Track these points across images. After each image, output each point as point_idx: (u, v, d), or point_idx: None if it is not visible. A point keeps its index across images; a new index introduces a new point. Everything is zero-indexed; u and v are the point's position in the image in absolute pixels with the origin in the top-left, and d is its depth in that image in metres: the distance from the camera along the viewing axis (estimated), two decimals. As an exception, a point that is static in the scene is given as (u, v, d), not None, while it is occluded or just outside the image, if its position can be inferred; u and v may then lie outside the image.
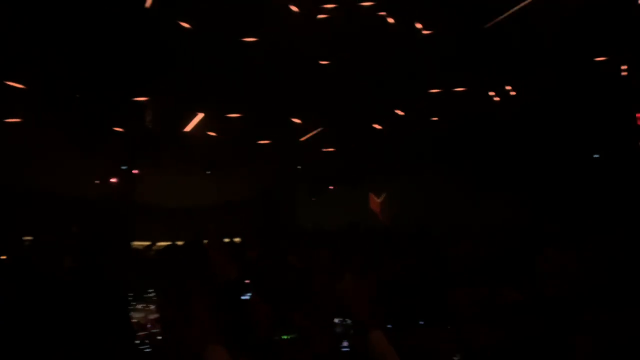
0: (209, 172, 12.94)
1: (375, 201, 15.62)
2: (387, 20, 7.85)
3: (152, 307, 3.28)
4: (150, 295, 3.30)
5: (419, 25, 7.98)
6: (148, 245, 10.35)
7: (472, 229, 9.35)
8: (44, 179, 10.91)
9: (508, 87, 9.96)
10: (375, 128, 11.12)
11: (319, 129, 10.15)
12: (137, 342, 3.17)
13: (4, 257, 6.97)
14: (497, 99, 10.31)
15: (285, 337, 4.20)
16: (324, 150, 12.29)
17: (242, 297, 4.34)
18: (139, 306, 3.29)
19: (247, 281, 4.52)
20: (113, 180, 11.37)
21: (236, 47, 8.00)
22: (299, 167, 13.83)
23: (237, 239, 11.58)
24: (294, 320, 4.34)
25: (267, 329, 4.18)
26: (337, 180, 14.91)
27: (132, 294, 3.25)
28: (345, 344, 3.82)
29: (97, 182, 11.33)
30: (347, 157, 12.82)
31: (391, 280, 5.26)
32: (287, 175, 14.30)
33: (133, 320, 3.23)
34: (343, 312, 3.89)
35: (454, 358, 3.44)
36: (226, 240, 9.90)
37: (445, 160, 12.87)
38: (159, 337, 3.27)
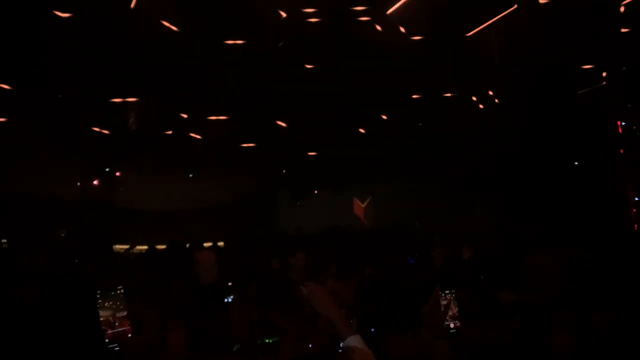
0: (191, 175, 12.85)
1: (359, 206, 15.66)
2: (374, 26, 7.84)
3: (120, 304, 3.22)
4: (118, 292, 3.23)
5: (403, 30, 7.98)
6: (127, 248, 10.24)
7: (462, 231, 9.43)
8: (23, 180, 10.76)
9: (491, 93, 10.02)
10: (361, 132, 11.12)
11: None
12: (106, 340, 3.11)
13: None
14: (481, 106, 10.38)
15: (268, 340, 4.17)
16: (309, 154, 12.27)
17: (225, 300, 4.32)
18: (106, 304, 3.22)
19: (229, 284, 4.50)
20: (95, 182, 11.24)
21: (220, 49, 7.95)
22: (283, 171, 13.80)
23: (220, 243, 11.53)
24: (276, 323, 4.31)
25: (248, 331, 4.15)
26: (322, 184, 14.91)
27: (99, 291, 3.18)
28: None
29: (78, 184, 11.20)
30: (331, 161, 12.82)
31: (373, 282, 5.25)
32: (271, 179, 14.26)
33: (101, 319, 3.16)
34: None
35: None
36: (208, 244, 9.84)
37: (434, 164, 12.93)
38: (130, 335, 3.21)
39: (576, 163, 12.08)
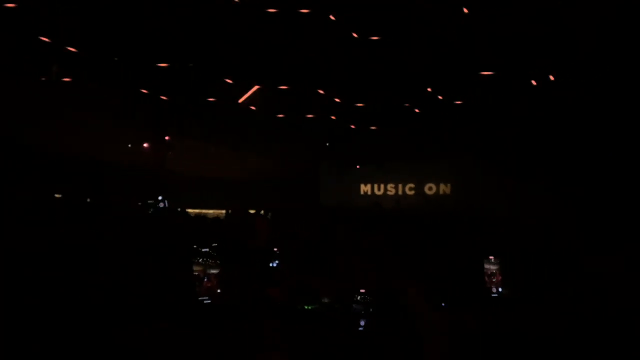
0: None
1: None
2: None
3: (211, 261, 3.40)
4: (209, 251, 3.41)
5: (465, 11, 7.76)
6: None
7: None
8: (75, 142, 11.11)
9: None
10: (408, 109, 11.01)
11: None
12: (198, 293, 3.31)
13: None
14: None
15: (307, 307, 4.26)
16: (352, 128, 12.24)
17: (270, 264, 4.46)
18: (200, 260, 3.41)
19: (275, 249, 4.64)
20: (145, 145, 11.52)
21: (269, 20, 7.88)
22: (327, 144, 13.83)
23: (262, 211, 11.65)
24: (317, 292, 4.41)
25: (290, 296, 4.26)
26: (364, 159, 14.89)
27: (195, 246, 3.38)
28: (362, 322, 3.81)
29: (129, 146, 11.50)
30: (375, 137, 12.77)
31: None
32: (314, 152, 14.32)
33: (195, 274, 3.37)
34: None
35: None
36: (252, 211, 10.01)
37: (481, 145, 12.76)
38: (218, 291, 3.41)
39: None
